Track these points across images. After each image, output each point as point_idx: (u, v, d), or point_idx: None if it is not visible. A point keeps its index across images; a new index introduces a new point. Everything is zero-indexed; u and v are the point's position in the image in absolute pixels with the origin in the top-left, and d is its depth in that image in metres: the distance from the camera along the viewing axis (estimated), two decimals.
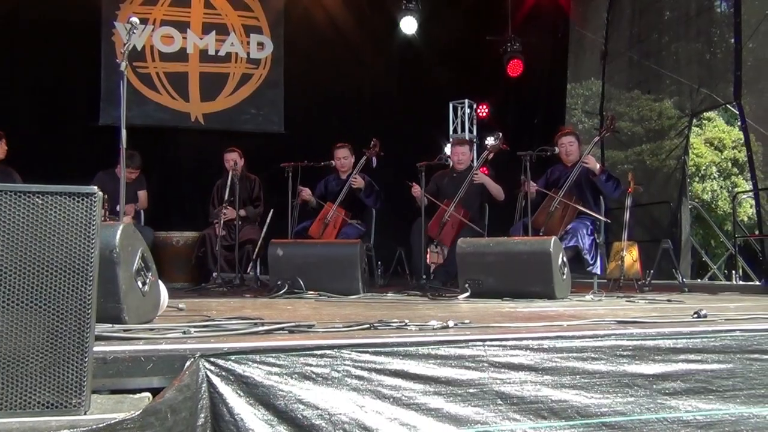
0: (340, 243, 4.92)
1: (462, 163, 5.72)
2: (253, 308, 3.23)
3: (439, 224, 5.38)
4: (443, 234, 5.37)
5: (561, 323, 2.32)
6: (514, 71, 8.59)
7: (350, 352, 1.77)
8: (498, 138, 5.44)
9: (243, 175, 6.03)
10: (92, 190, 1.43)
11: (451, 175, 5.83)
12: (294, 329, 2.06)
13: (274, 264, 4.46)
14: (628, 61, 8.81)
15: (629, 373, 1.95)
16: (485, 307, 3.43)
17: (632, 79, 8.91)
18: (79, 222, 1.41)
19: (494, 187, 5.57)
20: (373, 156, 5.82)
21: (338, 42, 8.43)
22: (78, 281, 1.40)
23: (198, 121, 8.11)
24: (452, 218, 5.34)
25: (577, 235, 4.88)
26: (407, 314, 2.81)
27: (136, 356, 1.63)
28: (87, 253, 1.41)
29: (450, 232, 5.33)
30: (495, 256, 4.04)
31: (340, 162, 5.95)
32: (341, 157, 5.93)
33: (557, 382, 1.87)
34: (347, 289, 4.23)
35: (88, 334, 1.40)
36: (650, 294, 4.58)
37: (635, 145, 9.12)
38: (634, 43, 8.68)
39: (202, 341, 1.79)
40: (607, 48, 9.10)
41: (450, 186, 5.68)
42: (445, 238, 5.37)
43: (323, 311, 3.09)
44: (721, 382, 1.99)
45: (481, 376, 1.81)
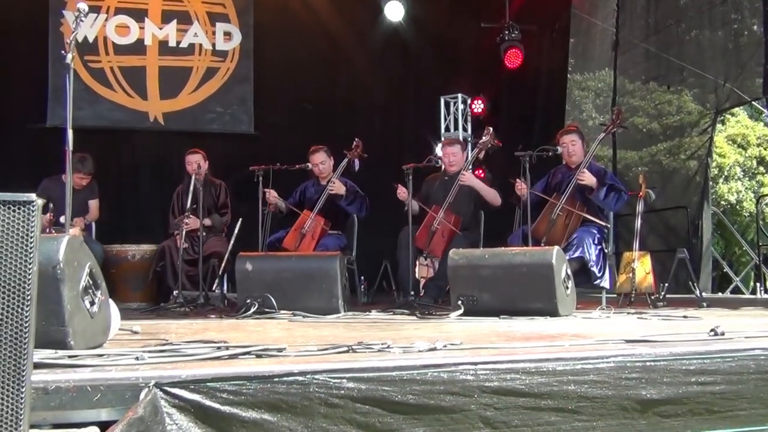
0: (318, 256, 4.92)
1: (453, 165, 5.75)
2: (217, 330, 3.21)
3: (428, 233, 5.40)
4: (433, 244, 5.38)
5: (562, 343, 2.33)
6: (513, 62, 8.65)
7: (324, 379, 1.77)
8: (489, 134, 5.48)
9: (207, 180, 6.02)
10: (30, 197, 1.43)
11: (443, 178, 5.85)
12: (262, 353, 2.05)
13: (243, 280, 4.45)
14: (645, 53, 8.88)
15: (635, 397, 1.97)
16: (479, 326, 3.44)
17: (649, 72, 8.99)
18: (15, 234, 1.41)
19: (487, 191, 5.60)
20: (356, 158, 5.83)
21: (315, 31, 8.46)
22: (14, 301, 1.39)
23: (157, 122, 8.09)
24: (442, 226, 5.37)
25: (583, 245, 4.91)
26: (391, 335, 2.81)
27: (81, 386, 1.62)
28: (24, 268, 1.41)
29: (440, 241, 5.35)
30: (491, 269, 4.06)
31: (317, 168, 5.96)
32: (318, 163, 5.94)
33: (554, 408, 1.88)
34: (325, 308, 4.23)
35: (26, 361, 1.39)
36: (665, 310, 4.61)
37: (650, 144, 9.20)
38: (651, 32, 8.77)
39: (157, 368, 1.79)
40: (618, 38, 9.20)
41: (440, 190, 5.70)
42: (434, 249, 5.39)
43: (297, 333, 3.08)
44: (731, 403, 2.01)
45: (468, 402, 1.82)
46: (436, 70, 8.95)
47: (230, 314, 4.34)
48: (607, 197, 5.08)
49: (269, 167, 5.56)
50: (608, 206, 5.17)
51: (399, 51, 8.88)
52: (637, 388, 1.99)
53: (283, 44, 8.36)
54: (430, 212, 5.46)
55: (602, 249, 5.06)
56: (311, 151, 5.98)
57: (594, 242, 4.99)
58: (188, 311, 4.86)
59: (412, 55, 8.93)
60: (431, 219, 5.44)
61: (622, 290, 5.26)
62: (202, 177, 5.66)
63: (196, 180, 5.49)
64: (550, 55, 9.29)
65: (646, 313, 4.17)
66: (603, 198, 5.07)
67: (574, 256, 4.86)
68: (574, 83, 10.14)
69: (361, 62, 8.62)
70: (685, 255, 5.27)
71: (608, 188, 5.09)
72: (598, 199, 5.09)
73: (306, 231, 5.67)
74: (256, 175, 5.52)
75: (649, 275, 5.20)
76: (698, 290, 5.56)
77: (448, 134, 8.68)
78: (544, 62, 9.22)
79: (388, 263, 6.18)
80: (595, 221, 5.08)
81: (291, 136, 8.20)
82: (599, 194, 5.08)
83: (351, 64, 8.62)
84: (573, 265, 4.73)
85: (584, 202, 5.16)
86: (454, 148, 5.85)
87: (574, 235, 4.98)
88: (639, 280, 5.16)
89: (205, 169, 6.06)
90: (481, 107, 8.66)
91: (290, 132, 8.29)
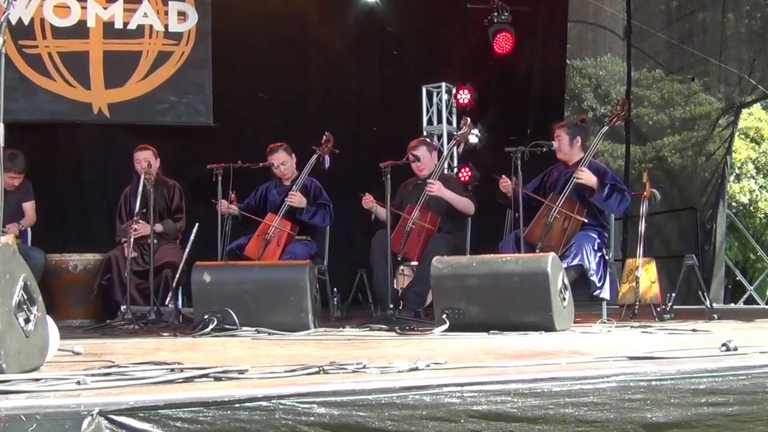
0: (285, 265, 4.92)
1: (423, 168, 5.75)
2: (171, 350, 3.21)
3: (402, 234, 5.44)
4: (407, 246, 5.41)
5: (559, 361, 2.36)
6: (502, 47, 8.69)
7: (292, 404, 1.76)
8: (467, 124, 5.50)
9: (159, 180, 5.98)
10: None
11: (416, 182, 5.89)
12: (222, 376, 2.05)
13: (200, 293, 4.44)
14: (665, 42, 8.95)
15: (639, 421, 1.98)
16: (467, 342, 3.46)
17: (670, 63, 9.05)
18: None
19: (458, 201, 5.64)
20: (326, 155, 5.83)
21: (282, 11, 8.44)
22: None
23: (102, 114, 8.01)
24: (417, 225, 5.40)
25: (582, 252, 4.94)
26: (368, 354, 2.82)
27: (14, 414, 1.60)
28: None
29: (415, 242, 5.39)
30: (479, 279, 4.08)
31: (279, 170, 5.95)
32: (279, 164, 5.94)
33: None
34: (293, 324, 4.23)
35: None
36: (672, 323, 4.66)
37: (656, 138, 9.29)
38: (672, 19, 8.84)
39: (102, 394, 1.78)
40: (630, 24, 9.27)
41: (413, 195, 5.74)
42: (410, 251, 5.41)
43: (261, 352, 3.09)
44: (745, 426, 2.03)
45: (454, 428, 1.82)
46: (417, 56, 8.97)
47: (185, 332, 4.33)
48: (609, 198, 5.10)
49: (230, 165, 5.53)
50: (610, 208, 5.20)
51: (376, 34, 8.89)
52: (641, 410, 2.00)
53: (246, 25, 8.33)
54: (404, 214, 5.48)
55: (603, 256, 5.09)
56: (269, 151, 5.98)
57: (594, 248, 5.02)
58: (138, 329, 4.84)
59: (391, 38, 8.94)
60: (405, 219, 5.47)
61: (624, 301, 5.31)
62: (153, 177, 5.62)
63: (146, 180, 5.45)
64: (545, 39, 9.34)
65: (651, 327, 4.22)
66: (605, 199, 5.10)
67: (573, 264, 4.89)
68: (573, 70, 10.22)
69: (334, 46, 8.63)
70: (694, 261, 5.32)
71: (610, 188, 5.12)
72: (600, 200, 5.12)
73: (270, 237, 5.66)
74: (214, 174, 5.49)
75: (654, 284, 5.25)
76: (709, 301, 5.63)
77: (431, 128, 8.71)
78: (539, 47, 9.28)
79: (363, 273, 6.18)
80: (595, 225, 5.12)
81: (255, 130, 8.17)
82: (600, 195, 5.10)
83: (322, 49, 8.62)
84: (571, 273, 4.77)
85: (583, 203, 5.19)
86: (419, 151, 5.78)
87: (573, 241, 5.01)
88: (643, 290, 5.21)
89: (156, 167, 6.02)
90: (467, 97, 8.69)
91: (254, 125, 8.26)
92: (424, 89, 8.74)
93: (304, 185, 5.91)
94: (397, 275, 5.77)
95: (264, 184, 6.20)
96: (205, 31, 8.31)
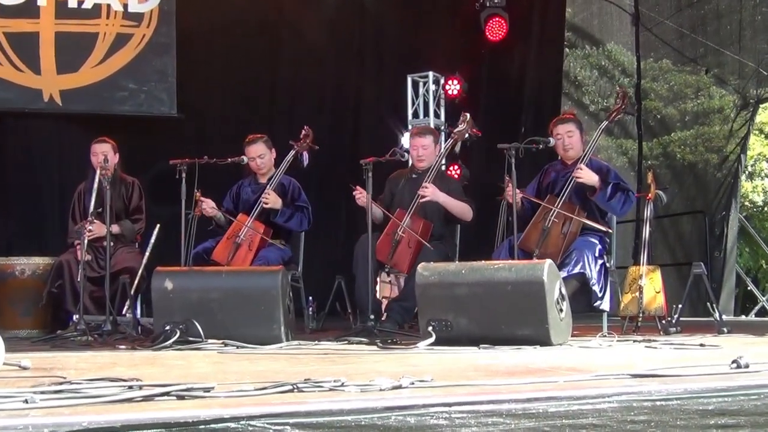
0: (256, 271, 4.91)
1: (423, 160, 5.77)
2: (129, 365, 3.20)
3: (391, 243, 5.41)
4: (397, 256, 5.39)
5: (555, 379, 2.37)
6: (495, 34, 8.73)
7: (263, 425, 1.76)
8: (466, 121, 5.50)
9: (117, 177, 5.97)
10: None
11: (409, 176, 5.87)
12: (185, 394, 2.05)
13: (161, 302, 4.42)
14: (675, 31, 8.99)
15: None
16: (455, 358, 3.47)
17: (680, 53, 9.08)
18: None
19: (454, 206, 5.63)
20: (304, 151, 5.82)
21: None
22: None
23: (53, 101, 7.96)
24: (408, 234, 5.38)
25: (583, 259, 4.95)
26: (346, 370, 2.83)
27: None
28: None
29: (405, 253, 5.37)
30: (469, 288, 4.09)
31: (255, 163, 5.93)
32: (255, 156, 5.91)
33: None
34: (264, 336, 4.23)
35: None
36: (678, 337, 4.70)
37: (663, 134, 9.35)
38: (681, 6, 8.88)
39: (52, 413, 1.76)
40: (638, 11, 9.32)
41: (406, 191, 5.72)
42: (399, 262, 5.40)
43: (229, 368, 3.09)
44: None
45: None
46: (402, 43, 8.98)
47: (144, 345, 4.31)
48: (612, 198, 5.11)
49: (195, 161, 5.51)
50: (613, 210, 5.21)
51: (357, 17, 8.90)
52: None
53: (213, 7, 8.29)
54: (393, 218, 5.47)
55: (604, 263, 5.10)
56: (247, 142, 5.95)
57: (595, 255, 5.03)
58: (91, 341, 4.80)
59: (374, 23, 8.95)
60: (394, 225, 5.45)
61: (626, 313, 5.33)
62: (110, 172, 5.59)
63: (103, 176, 5.43)
64: (542, 25, 9.39)
65: (656, 341, 4.25)
66: (607, 199, 5.10)
67: (573, 273, 4.89)
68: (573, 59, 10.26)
69: (311, 31, 8.61)
70: (702, 270, 5.35)
71: (613, 188, 5.12)
72: (602, 200, 5.12)
73: (241, 240, 5.64)
74: (178, 170, 5.47)
75: (659, 295, 5.28)
76: (718, 313, 5.67)
77: (417, 121, 8.72)
78: (535, 34, 9.32)
79: (342, 280, 6.17)
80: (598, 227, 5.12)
81: (223, 122, 8.16)
82: (603, 195, 5.10)
83: (298, 33, 8.61)
84: (572, 284, 4.79)
85: (584, 205, 5.20)
86: (425, 139, 5.84)
87: (573, 247, 5.02)
88: (647, 300, 5.24)
89: (114, 162, 5.99)
90: (456, 89, 8.72)
91: (222, 116, 8.25)
92: (410, 79, 8.75)
93: (281, 184, 5.89)
94: (380, 283, 5.76)
95: (235, 183, 6.17)
96: (168, 12, 8.27)
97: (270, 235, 5.75)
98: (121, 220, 6.06)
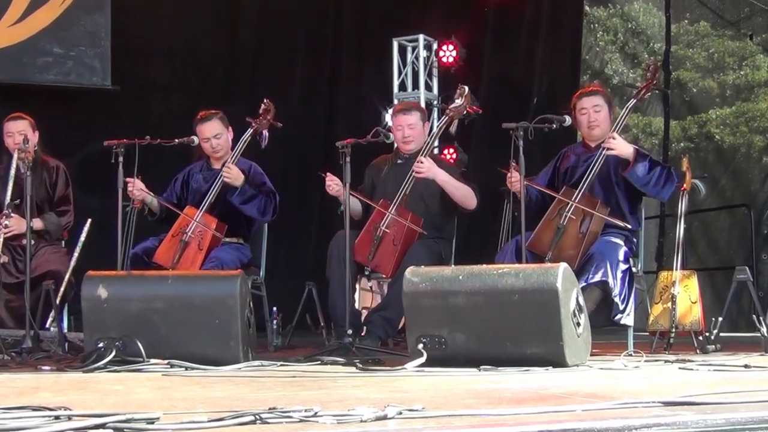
0: (209, 276, 4.89)
1: (410, 141, 5.75)
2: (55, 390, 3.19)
3: (372, 240, 5.40)
4: (379, 256, 5.37)
5: (572, 408, 2.37)
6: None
7: None
8: (463, 95, 5.49)
9: (39, 161, 5.90)
10: None
11: (394, 162, 5.86)
12: (124, 426, 2.04)
13: (94, 313, 4.39)
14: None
15: None
16: (450, 381, 3.47)
17: (720, 14, 9.10)
18: None
19: (455, 188, 5.59)
20: (265, 129, 5.79)
21: None
22: None
23: None
24: (393, 228, 5.37)
25: (606, 265, 4.93)
26: (319, 397, 2.82)
27: None
28: None
29: (389, 252, 5.35)
30: (467, 297, 4.08)
31: (208, 144, 5.89)
32: (210, 136, 5.87)
33: None
34: (219, 355, 4.21)
35: None
36: (718, 356, 4.70)
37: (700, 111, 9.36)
38: None
39: None
40: None
41: (391, 180, 5.71)
42: (381, 263, 5.38)
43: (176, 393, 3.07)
44: None
45: None
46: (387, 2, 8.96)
47: (73, 365, 4.26)
48: (651, 172, 5.07)
49: (135, 142, 5.48)
50: (652, 190, 5.14)
51: None
52: None
53: None
54: (377, 207, 5.45)
55: (629, 269, 5.08)
56: (199, 119, 5.91)
57: (619, 259, 5.02)
58: (8, 360, 4.77)
59: None
60: (378, 217, 5.44)
61: (656, 328, 5.35)
62: (30, 156, 5.54)
63: (21, 160, 5.40)
64: None
65: (692, 362, 4.24)
66: (647, 172, 5.04)
67: (593, 281, 4.88)
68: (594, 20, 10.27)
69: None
70: (746, 276, 5.35)
71: (651, 162, 5.10)
72: (639, 177, 5.05)
73: (189, 238, 5.61)
74: (114, 153, 5.43)
75: (695, 306, 5.29)
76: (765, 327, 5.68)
77: (405, 95, 8.71)
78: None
79: (313, 287, 6.16)
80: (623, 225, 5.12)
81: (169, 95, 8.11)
82: (642, 168, 5.04)
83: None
84: (593, 294, 4.79)
85: (607, 199, 5.21)
86: (410, 117, 5.80)
87: (593, 250, 5.02)
88: (681, 312, 5.25)
89: (34, 143, 5.94)
90: (452, 55, 8.72)
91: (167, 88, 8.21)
92: (396, 43, 8.75)
93: (240, 168, 5.85)
94: (359, 290, 5.76)
95: (185, 168, 6.12)
96: None
97: (224, 231, 5.72)
98: (44, 212, 6.00)
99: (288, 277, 6.95)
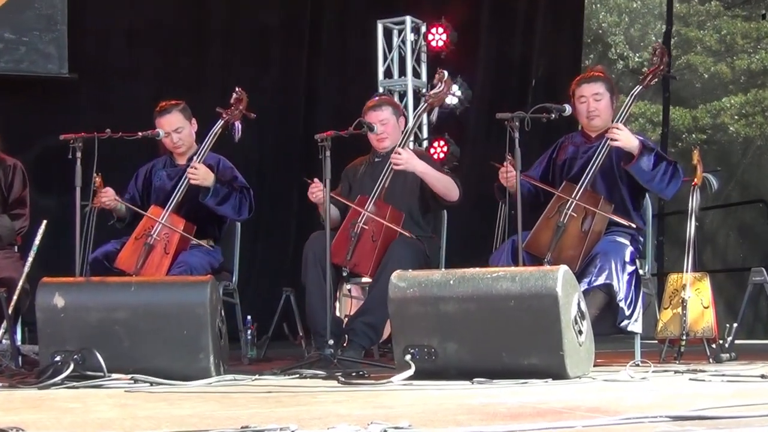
0: (176, 282, 4.88)
1: (385, 137, 5.76)
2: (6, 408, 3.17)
3: (349, 238, 5.40)
4: (357, 255, 5.38)
5: (573, 424, 2.38)
6: None
7: None
8: (443, 79, 5.50)
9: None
10: None
11: (371, 161, 5.88)
12: None
13: (50, 324, 4.38)
14: None
15: None
16: (441, 396, 3.47)
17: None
18: None
19: (437, 178, 5.60)
20: (237, 121, 5.79)
21: None
22: None
23: None
24: (371, 224, 5.38)
25: (610, 266, 4.95)
26: (297, 414, 2.82)
27: None
28: None
29: (368, 250, 5.36)
30: (459, 303, 4.09)
31: (169, 139, 5.88)
32: (170, 130, 5.86)
33: None
34: (187, 369, 4.21)
35: None
36: (732, 365, 4.73)
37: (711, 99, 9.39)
38: None
39: None
40: None
41: (367, 178, 5.74)
42: (360, 262, 5.38)
43: (140, 412, 3.06)
44: None
45: None
46: None
47: (27, 381, 4.26)
48: (657, 168, 5.07)
49: (94, 135, 5.46)
50: (657, 186, 5.16)
51: None
52: None
53: None
54: (353, 206, 5.46)
55: (636, 271, 5.10)
56: (158, 111, 5.90)
57: (626, 260, 5.03)
58: None
59: None
60: (354, 215, 5.45)
61: (665, 335, 5.36)
62: None
63: None
64: None
65: (704, 372, 4.26)
66: (652, 167, 5.05)
67: (596, 284, 4.89)
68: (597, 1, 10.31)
69: None
70: (764, 278, 5.37)
71: (657, 156, 5.10)
72: (643, 171, 5.05)
73: (154, 241, 5.60)
74: (71, 147, 5.42)
75: (708, 311, 5.30)
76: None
77: (390, 82, 8.72)
78: None
79: (291, 293, 6.17)
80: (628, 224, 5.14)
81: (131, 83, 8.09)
82: (647, 162, 5.04)
83: None
84: (596, 298, 4.81)
85: (611, 195, 5.22)
86: (381, 113, 5.79)
87: (596, 251, 5.02)
88: (693, 318, 5.26)
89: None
90: (443, 39, 8.71)
91: (130, 77, 8.19)
92: (380, 26, 8.75)
93: (208, 165, 5.83)
94: (340, 297, 5.76)
95: (145, 165, 6.12)
96: None
97: (193, 232, 5.71)
98: None
99: (263, 282, 6.95)
